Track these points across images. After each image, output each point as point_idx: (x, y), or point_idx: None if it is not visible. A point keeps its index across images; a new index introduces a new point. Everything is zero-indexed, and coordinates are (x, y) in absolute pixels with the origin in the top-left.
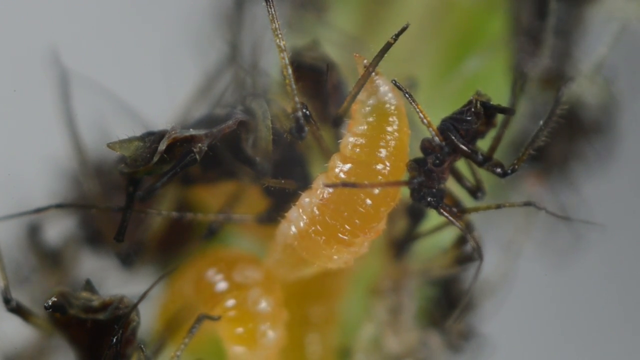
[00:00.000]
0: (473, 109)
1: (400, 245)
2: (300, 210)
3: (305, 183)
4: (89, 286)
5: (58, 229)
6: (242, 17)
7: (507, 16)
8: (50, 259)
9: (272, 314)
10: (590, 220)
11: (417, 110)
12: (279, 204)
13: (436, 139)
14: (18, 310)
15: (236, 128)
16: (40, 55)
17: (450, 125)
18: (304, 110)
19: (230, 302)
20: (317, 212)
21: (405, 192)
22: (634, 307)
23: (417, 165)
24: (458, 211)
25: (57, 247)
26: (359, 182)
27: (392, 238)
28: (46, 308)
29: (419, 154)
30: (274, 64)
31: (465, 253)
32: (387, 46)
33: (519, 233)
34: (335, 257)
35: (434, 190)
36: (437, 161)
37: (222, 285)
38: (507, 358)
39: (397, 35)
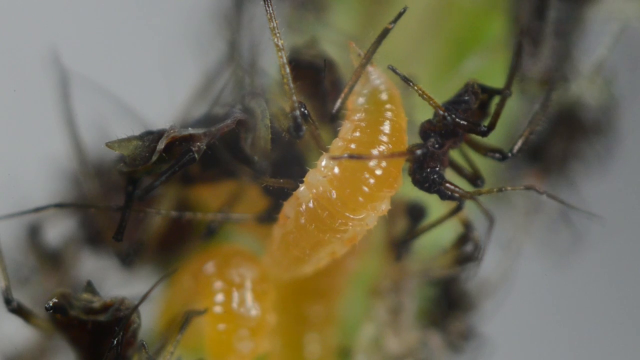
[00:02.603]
0: (471, 89)
1: (400, 245)
2: (308, 186)
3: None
4: (90, 287)
5: (58, 230)
6: (241, 17)
7: (507, 17)
8: (51, 259)
9: (257, 320)
10: (589, 212)
11: (417, 90)
12: (278, 203)
13: (440, 111)
14: (19, 310)
15: (235, 127)
16: (40, 55)
17: (450, 107)
18: (302, 109)
19: (220, 297)
20: (321, 189)
21: (404, 190)
22: (634, 307)
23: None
24: (461, 195)
25: (57, 247)
26: (364, 154)
27: (392, 238)
28: (47, 309)
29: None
30: (273, 63)
31: (465, 253)
32: (385, 32)
33: (519, 232)
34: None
35: (437, 169)
36: (437, 144)
37: (215, 279)
38: (507, 358)
39: (395, 21)
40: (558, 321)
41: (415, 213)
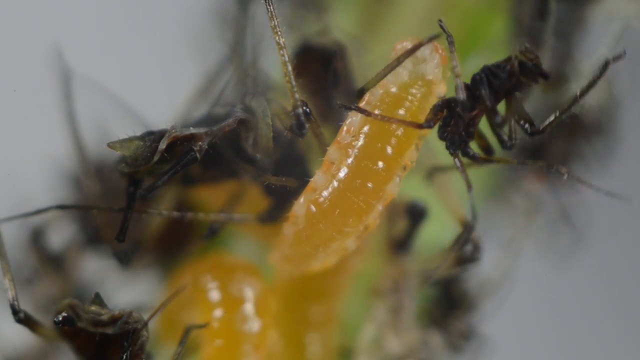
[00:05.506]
0: (509, 67)
1: (400, 245)
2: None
3: (305, 181)
4: (97, 299)
5: (59, 231)
6: (242, 16)
7: (508, 17)
8: (52, 260)
9: (256, 335)
10: (609, 192)
11: (453, 60)
12: (280, 203)
13: (459, 93)
14: (26, 321)
15: (236, 126)
16: (40, 55)
17: (484, 78)
18: (304, 108)
19: (218, 313)
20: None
21: (404, 190)
22: (634, 307)
23: (444, 105)
24: (481, 160)
25: (59, 248)
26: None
27: (392, 238)
28: (56, 323)
29: None
30: (274, 62)
31: (465, 253)
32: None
33: (519, 232)
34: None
35: (460, 133)
36: (467, 110)
37: (215, 294)
38: (507, 358)
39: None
40: (558, 321)
41: (415, 213)
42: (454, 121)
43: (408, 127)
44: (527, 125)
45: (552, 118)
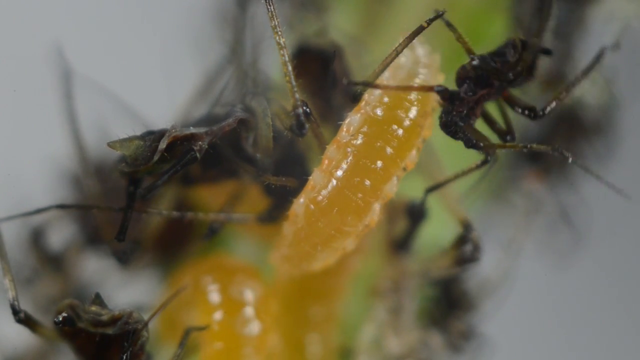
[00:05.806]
0: (511, 43)
1: (400, 245)
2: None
3: (305, 181)
4: (98, 300)
5: (59, 231)
6: (243, 16)
7: (508, 17)
8: (52, 260)
9: (257, 338)
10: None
11: (456, 35)
12: (280, 203)
13: (470, 56)
14: (26, 321)
15: (236, 126)
16: (40, 55)
17: (488, 57)
18: (305, 108)
19: (219, 315)
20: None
21: (404, 190)
22: (634, 307)
23: (448, 92)
24: (485, 146)
25: (59, 248)
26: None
27: (392, 238)
28: (56, 323)
29: None
30: (274, 62)
31: (465, 254)
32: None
33: (519, 232)
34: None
35: (464, 115)
36: (470, 92)
37: (215, 296)
38: (507, 358)
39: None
40: (558, 321)
41: (415, 213)
42: (457, 105)
43: (407, 128)
44: (527, 112)
45: (552, 103)
